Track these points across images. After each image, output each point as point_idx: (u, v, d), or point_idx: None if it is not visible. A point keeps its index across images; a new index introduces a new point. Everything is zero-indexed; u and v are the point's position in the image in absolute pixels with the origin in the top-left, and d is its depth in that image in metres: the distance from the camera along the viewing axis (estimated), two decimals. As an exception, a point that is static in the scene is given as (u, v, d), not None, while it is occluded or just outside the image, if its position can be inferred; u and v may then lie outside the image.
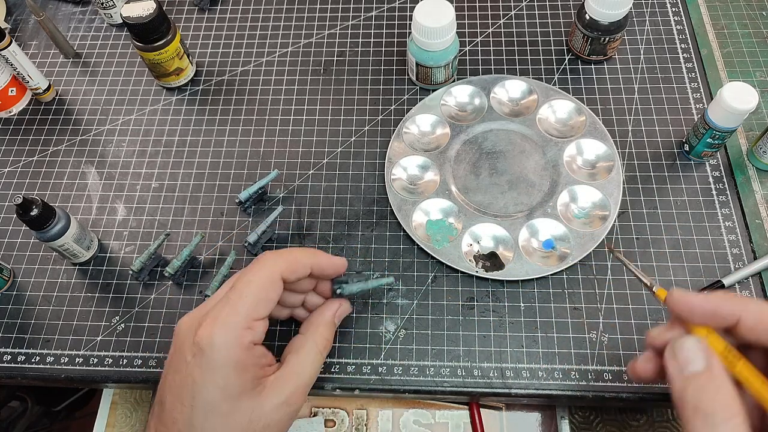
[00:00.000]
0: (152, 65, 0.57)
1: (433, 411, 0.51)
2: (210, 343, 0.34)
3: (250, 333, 0.36)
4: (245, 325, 0.35)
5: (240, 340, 0.35)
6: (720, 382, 0.31)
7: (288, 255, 0.39)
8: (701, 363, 0.32)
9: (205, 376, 0.34)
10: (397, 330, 0.47)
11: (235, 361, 0.35)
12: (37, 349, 0.48)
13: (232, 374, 0.34)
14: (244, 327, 0.35)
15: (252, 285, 0.36)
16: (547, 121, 0.55)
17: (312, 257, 0.40)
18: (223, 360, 0.34)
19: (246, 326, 0.35)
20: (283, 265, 0.38)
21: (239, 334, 0.35)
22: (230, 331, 0.35)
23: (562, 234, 0.49)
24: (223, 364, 0.34)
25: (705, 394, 0.31)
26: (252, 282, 0.37)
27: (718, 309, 0.33)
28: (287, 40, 0.63)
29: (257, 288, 0.36)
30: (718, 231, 0.50)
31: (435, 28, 0.51)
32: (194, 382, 0.34)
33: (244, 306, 0.36)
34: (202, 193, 0.54)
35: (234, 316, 0.35)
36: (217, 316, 0.35)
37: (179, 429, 0.34)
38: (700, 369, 0.32)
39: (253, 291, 0.36)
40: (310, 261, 0.40)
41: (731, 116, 0.47)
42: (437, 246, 0.49)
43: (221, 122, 0.58)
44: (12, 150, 0.58)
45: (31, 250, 0.52)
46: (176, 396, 0.35)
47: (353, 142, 0.56)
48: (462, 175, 0.53)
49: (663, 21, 0.61)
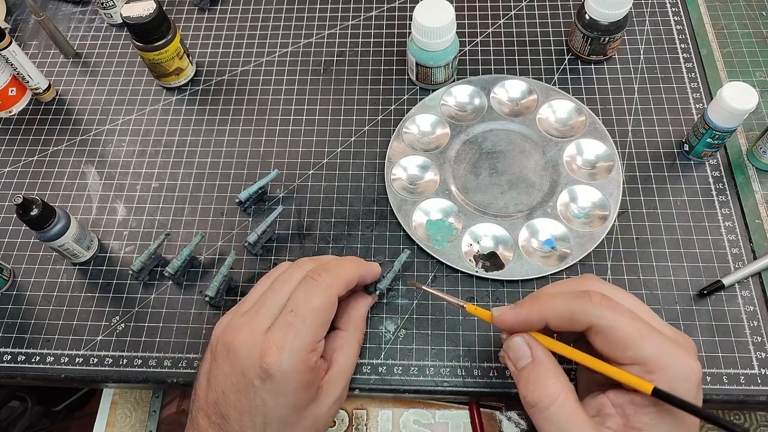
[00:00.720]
0: (152, 65, 0.57)
1: (433, 411, 0.51)
2: (279, 369, 0.36)
3: (314, 354, 0.38)
4: (310, 348, 0.37)
5: (307, 364, 0.37)
6: (543, 370, 0.35)
7: (341, 273, 0.40)
8: (528, 357, 0.36)
9: (278, 400, 0.36)
10: (397, 330, 0.47)
11: (304, 383, 0.37)
12: (37, 349, 0.48)
13: (302, 393, 0.37)
14: (309, 351, 0.37)
15: (315, 311, 0.38)
16: (547, 121, 0.55)
17: (359, 270, 0.42)
18: (293, 384, 0.36)
19: (311, 349, 0.37)
20: (341, 286, 0.40)
21: (306, 358, 0.37)
22: (298, 356, 0.36)
23: (562, 234, 0.49)
24: (294, 387, 0.36)
25: (529, 385, 0.35)
26: (315, 308, 0.38)
27: (528, 319, 0.36)
28: (287, 40, 0.63)
29: (320, 312, 0.38)
30: (718, 231, 0.50)
31: (435, 28, 0.51)
32: (265, 404, 0.36)
33: (309, 332, 0.37)
34: (202, 193, 0.54)
35: (300, 342, 0.37)
36: (283, 344, 0.36)
37: None
38: (528, 362, 0.36)
39: (317, 316, 0.38)
40: (358, 274, 0.42)
41: (731, 116, 0.47)
42: (437, 246, 0.49)
43: (221, 122, 0.58)
44: (12, 150, 0.58)
45: (31, 250, 0.52)
46: (245, 415, 0.36)
47: (353, 142, 0.56)
48: (462, 175, 0.53)
49: (663, 21, 0.61)
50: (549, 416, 0.34)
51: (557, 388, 0.34)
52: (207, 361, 0.39)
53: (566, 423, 0.33)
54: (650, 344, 0.33)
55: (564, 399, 0.34)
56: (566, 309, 0.35)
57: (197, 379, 0.40)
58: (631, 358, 0.34)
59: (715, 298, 0.47)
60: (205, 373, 0.39)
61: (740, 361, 0.45)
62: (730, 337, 0.46)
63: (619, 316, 0.34)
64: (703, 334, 0.46)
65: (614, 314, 0.34)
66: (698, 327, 0.46)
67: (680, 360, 0.33)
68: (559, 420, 0.34)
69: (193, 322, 0.48)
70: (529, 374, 0.36)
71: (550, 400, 0.34)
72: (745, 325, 0.46)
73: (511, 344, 0.37)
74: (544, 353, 0.36)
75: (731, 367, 0.45)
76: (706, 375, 0.44)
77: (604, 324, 0.34)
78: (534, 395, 0.35)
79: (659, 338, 0.33)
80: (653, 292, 0.48)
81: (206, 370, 0.39)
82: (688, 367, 0.33)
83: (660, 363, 0.33)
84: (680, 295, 0.47)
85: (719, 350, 0.45)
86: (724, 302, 0.47)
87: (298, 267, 0.41)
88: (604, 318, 0.34)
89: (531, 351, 0.36)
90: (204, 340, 0.48)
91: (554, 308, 0.35)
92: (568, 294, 0.36)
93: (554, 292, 0.37)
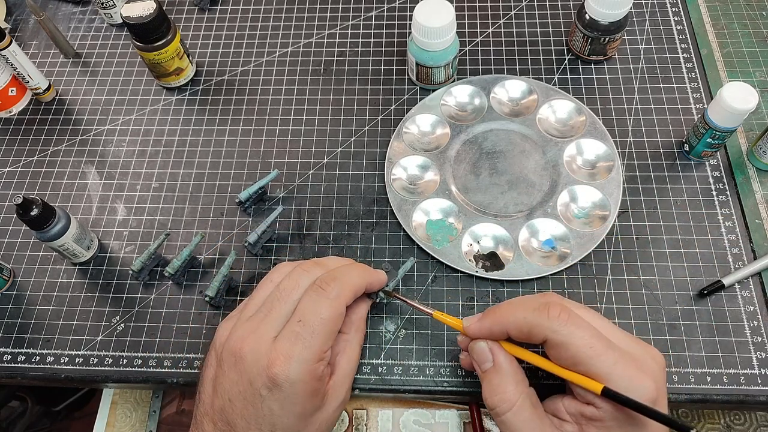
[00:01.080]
0: (152, 65, 0.57)
1: (433, 411, 0.51)
2: (287, 379, 0.36)
3: (322, 364, 0.38)
4: (318, 358, 0.37)
5: (314, 374, 0.37)
6: (503, 376, 0.37)
7: (349, 283, 0.40)
8: (490, 361, 0.38)
9: (285, 409, 0.36)
10: (397, 330, 0.47)
11: (311, 391, 0.37)
12: (37, 349, 0.48)
13: (308, 402, 0.37)
14: (317, 361, 0.37)
15: (324, 322, 0.38)
16: (547, 121, 0.55)
17: (366, 279, 0.42)
18: (301, 393, 0.36)
19: (319, 359, 0.37)
20: (349, 296, 0.40)
21: (314, 368, 0.37)
22: (305, 366, 0.36)
23: (562, 234, 0.49)
24: (301, 396, 0.37)
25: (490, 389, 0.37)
26: (324, 319, 0.38)
27: (490, 331, 0.38)
28: (287, 40, 0.63)
29: (329, 323, 0.38)
30: (718, 231, 0.50)
31: (435, 28, 0.51)
32: (273, 414, 0.36)
33: (317, 342, 0.37)
34: (202, 193, 0.54)
35: (308, 353, 0.37)
36: (291, 354, 0.36)
37: None
38: (490, 366, 0.38)
39: (326, 327, 0.38)
40: (365, 283, 0.42)
41: (731, 116, 0.47)
42: (437, 246, 0.49)
43: (221, 122, 0.58)
44: (12, 150, 0.58)
45: (31, 250, 0.52)
46: (252, 423, 0.37)
47: (353, 142, 0.56)
48: (462, 175, 0.53)
49: (663, 21, 0.61)
50: (505, 420, 0.36)
51: (515, 395, 0.36)
52: (212, 367, 0.39)
53: (521, 428, 0.36)
54: (602, 362, 0.34)
55: (520, 405, 0.36)
56: (525, 322, 0.36)
57: (202, 384, 0.39)
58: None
59: (715, 298, 0.47)
60: (211, 380, 0.39)
61: (740, 361, 0.45)
62: (730, 337, 0.46)
63: (575, 331, 0.35)
64: (703, 334, 0.46)
65: (570, 329, 0.35)
66: (698, 327, 0.46)
67: (633, 381, 0.34)
68: (515, 425, 0.36)
69: (193, 322, 0.48)
70: (491, 378, 0.37)
71: (508, 406, 0.36)
72: (745, 325, 0.46)
73: (475, 348, 0.39)
74: (505, 359, 0.38)
75: (731, 367, 0.45)
76: (706, 375, 0.44)
77: (558, 339, 0.35)
78: (493, 399, 0.37)
79: (612, 357, 0.34)
80: (653, 292, 0.48)
81: (211, 376, 0.39)
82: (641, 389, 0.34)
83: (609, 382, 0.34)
84: (680, 295, 0.47)
85: (719, 350, 0.45)
86: (724, 302, 0.47)
87: (304, 272, 0.40)
88: (558, 333, 0.35)
89: (493, 356, 0.38)
90: (204, 340, 0.48)
91: (515, 321, 0.37)
92: (529, 307, 0.37)
93: (517, 303, 0.38)
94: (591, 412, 0.35)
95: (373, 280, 0.42)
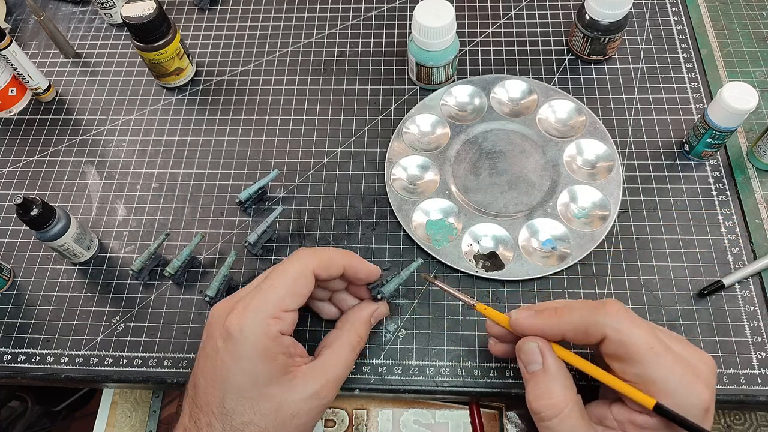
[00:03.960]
0: (152, 65, 0.57)
1: (433, 411, 0.51)
2: (239, 330, 0.35)
3: (277, 323, 0.36)
4: (273, 314, 0.36)
5: (267, 329, 0.36)
6: (551, 380, 0.35)
7: (323, 253, 0.40)
8: (539, 363, 0.36)
9: (234, 362, 0.35)
10: (397, 330, 0.47)
11: (263, 350, 0.36)
12: (37, 349, 0.48)
13: (260, 362, 0.35)
14: (272, 316, 0.36)
15: (285, 276, 0.38)
16: (547, 121, 0.55)
17: (346, 258, 0.41)
18: (251, 348, 0.35)
19: (274, 316, 0.36)
20: (316, 261, 0.39)
21: (267, 323, 0.36)
22: (259, 320, 0.36)
23: (562, 234, 0.49)
24: (251, 351, 0.35)
25: (536, 392, 0.35)
26: (285, 274, 0.38)
27: (543, 331, 0.37)
28: (287, 40, 0.63)
29: (289, 280, 0.38)
30: (718, 231, 0.50)
31: (435, 28, 0.51)
32: (225, 367, 0.35)
33: (275, 296, 0.37)
34: (202, 193, 0.54)
35: (264, 305, 0.36)
36: (248, 304, 0.36)
37: (212, 411, 0.35)
38: (538, 369, 0.36)
39: (285, 282, 0.37)
40: (344, 261, 0.41)
41: (731, 116, 0.47)
42: (437, 246, 0.49)
43: (221, 122, 0.58)
44: (12, 150, 0.58)
45: (31, 250, 0.52)
46: (209, 380, 0.36)
47: (353, 142, 0.56)
48: (462, 175, 0.53)
49: (663, 21, 0.61)
50: (550, 426, 0.34)
51: (563, 401, 0.34)
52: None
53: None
54: (661, 365, 0.33)
55: (568, 413, 0.34)
56: (581, 321, 0.35)
57: None
58: (636, 375, 0.33)
59: (716, 298, 0.47)
60: None
61: (740, 361, 0.45)
62: (730, 337, 0.46)
63: (635, 329, 0.33)
64: (703, 334, 0.46)
65: (630, 327, 0.33)
66: (698, 327, 0.46)
67: (689, 387, 0.32)
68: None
69: (193, 322, 0.48)
70: (538, 381, 0.35)
71: (555, 412, 0.34)
72: (745, 325, 0.46)
73: (524, 348, 0.37)
74: (555, 362, 0.36)
75: (731, 367, 0.44)
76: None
77: (617, 337, 0.33)
78: (539, 404, 0.35)
79: (672, 360, 0.33)
80: (653, 292, 0.48)
81: None
82: (695, 396, 0.32)
83: (666, 387, 0.32)
84: (680, 295, 0.47)
85: (719, 350, 0.45)
86: (724, 302, 0.47)
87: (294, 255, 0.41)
88: (618, 331, 0.33)
89: (543, 358, 0.36)
90: (204, 340, 0.48)
91: (571, 321, 0.35)
92: (585, 306, 0.35)
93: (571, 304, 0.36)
94: (643, 421, 0.34)
95: (356, 263, 0.41)
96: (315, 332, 0.47)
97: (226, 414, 0.35)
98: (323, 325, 0.48)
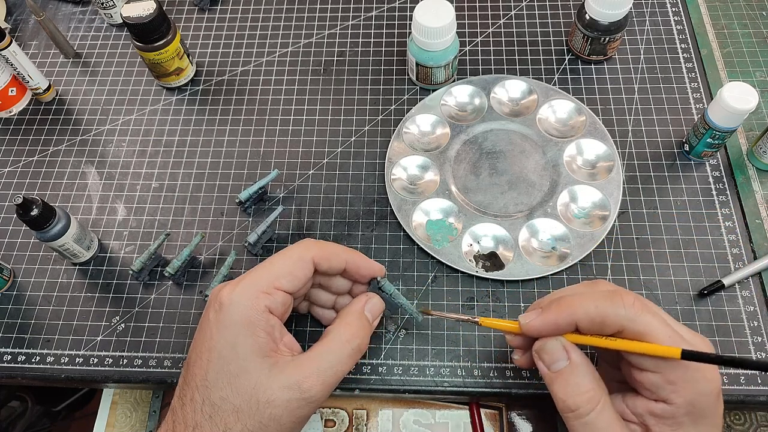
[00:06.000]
0: (152, 65, 0.57)
1: (433, 411, 0.51)
2: (229, 298, 0.36)
3: (266, 297, 0.37)
4: (264, 289, 0.37)
5: (255, 301, 0.36)
6: (581, 374, 0.34)
7: (327, 245, 0.40)
8: (564, 360, 0.35)
9: (220, 332, 0.36)
10: (397, 330, 0.47)
11: (246, 320, 0.36)
12: (37, 349, 0.48)
13: (242, 332, 0.35)
14: (262, 290, 0.37)
15: (283, 257, 0.39)
16: (547, 121, 0.55)
17: (349, 254, 0.41)
18: (236, 316, 0.36)
19: (264, 290, 0.37)
20: (318, 249, 0.39)
21: (256, 296, 0.36)
22: (249, 292, 0.36)
23: (562, 234, 0.49)
24: (236, 320, 0.36)
25: (567, 389, 0.34)
26: (284, 255, 0.39)
27: (556, 324, 0.35)
28: (287, 40, 0.63)
29: (288, 260, 0.38)
30: (718, 231, 0.50)
31: (435, 28, 0.51)
32: (212, 337, 0.36)
33: (269, 273, 0.37)
34: (202, 193, 0.54)
35: (258, 279, 0.37)
36: (243, 278, 0.37)
37: (197, 384, 0.35)
38: (564, 366, 0.35)
39: (283, 262, 0.38)
40: (346, 256, 0.41)
41: (731, 116, 0.47)
42: (437, 246, 0.49)
43: (221, 122, 0.58)
44: (12, 150, 0.58)
45: (31, 250, 0.52)
46: (198, 352, 0.36)
47: (353, 142, 0.56)
48: (462, 175, 0.53)
49: (663, 21, 0.61)
50: (589, 422, 0.33)
51: (597, 393, 0.34)
52: None
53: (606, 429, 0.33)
54: None
55: (603, 405, 0.33)
56: (597, 312, 0.34)
57: None
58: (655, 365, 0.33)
59: (715, 298, 0.47)
60: None
61: (740, 361, 0.45)
62: (730, 337, 0.46)
63: (652, 321, 0.33)
64: (703, 334, 0.45)
65: (647, 318, 0.33)
66: (698, 327, 0.46)
67: (704, 373, 0.32)
68: (599, 426, 0.33)
69: (193, 322, 0.48)
70: (567, 378, 0.34)
71: (591, 406, 0.33)
72: (745, 325, 0.46)
73: (547, 348, 0.36)
74: (580, 357, 0.35)
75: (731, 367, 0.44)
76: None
77: (636, 329, 0.33)
78: (574, 400, 0.34)
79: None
80: (653, 292, 0.48)
81: None
82: (711, 381, 0.32)
83: (685, 375, 0.32)
84: (680, 295, 0.47)
85: (719, 350, 0.45)
86: (724, 302, 0.47)
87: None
88: (636, 323, 0.33)
89: (568, 354, 0.35)
90: (204, 340, 0.48)
91: (585, 311, 0.34)
92: (598, 295, 0.35)
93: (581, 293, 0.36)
94: (662, 409, 0.33)
95: (358, 260, 0.41)
96: (315, 332, 0.47)
97: (208, 387, 0.35)
98: (323, 326, 0.47)
